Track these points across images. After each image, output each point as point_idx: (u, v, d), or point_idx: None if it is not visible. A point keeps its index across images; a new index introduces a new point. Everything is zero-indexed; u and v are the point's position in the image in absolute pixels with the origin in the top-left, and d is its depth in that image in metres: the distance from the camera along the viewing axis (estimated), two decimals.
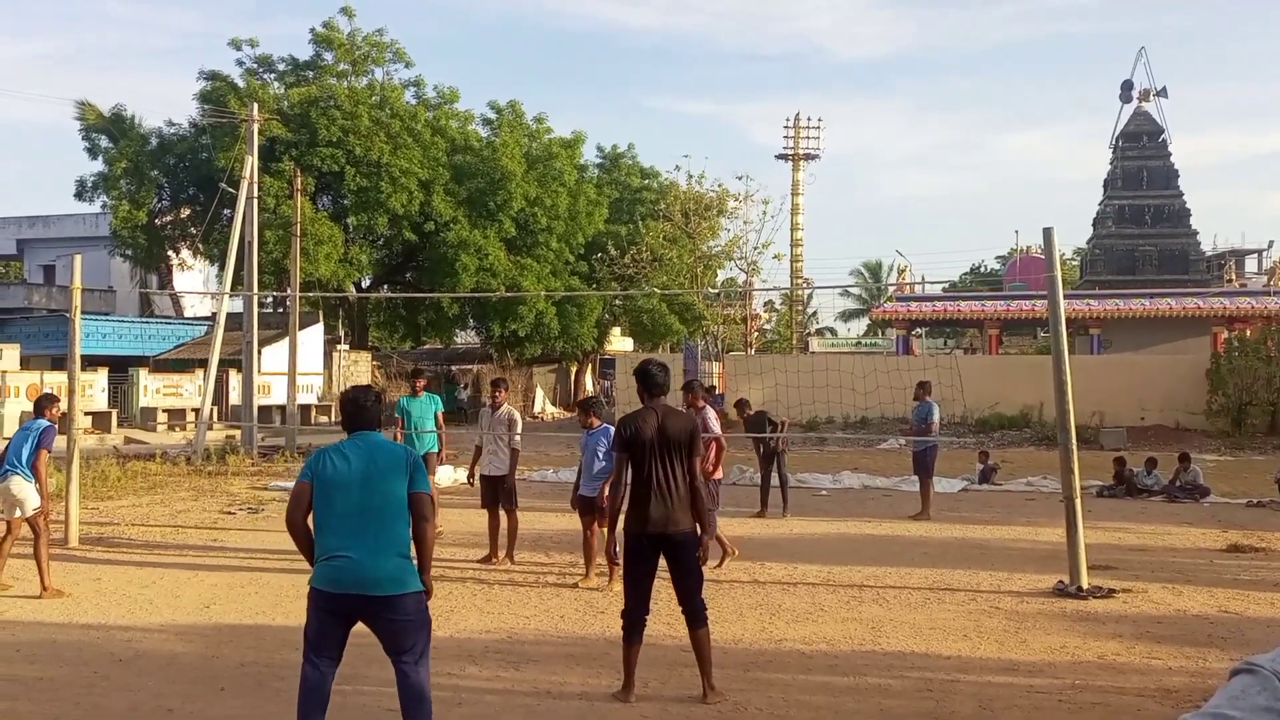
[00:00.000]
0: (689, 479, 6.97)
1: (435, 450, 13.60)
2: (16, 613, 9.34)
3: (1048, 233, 10.81)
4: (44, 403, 10.68)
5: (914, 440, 16.34)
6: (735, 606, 9.73)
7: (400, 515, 5.53)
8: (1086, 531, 10.53)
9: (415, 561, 5.58)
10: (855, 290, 78.39)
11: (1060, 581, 10.36)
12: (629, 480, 7.03)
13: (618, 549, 8.62)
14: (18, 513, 10.16)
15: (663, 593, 9.77)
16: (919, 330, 52.76)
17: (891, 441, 28.70)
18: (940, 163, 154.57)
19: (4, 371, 32.82)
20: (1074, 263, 61.86)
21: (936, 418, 16.15)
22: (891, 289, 56.59)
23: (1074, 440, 10.44)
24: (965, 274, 77.78)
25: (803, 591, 10.46)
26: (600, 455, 10.60)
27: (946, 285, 55.94)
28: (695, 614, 6.96)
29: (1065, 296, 11.98)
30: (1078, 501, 10.32)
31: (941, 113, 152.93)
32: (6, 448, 10.51)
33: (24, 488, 10.07)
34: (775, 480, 16.16)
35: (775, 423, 16.48)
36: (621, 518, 7.33)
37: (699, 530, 7.08)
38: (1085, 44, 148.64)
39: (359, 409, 5.83)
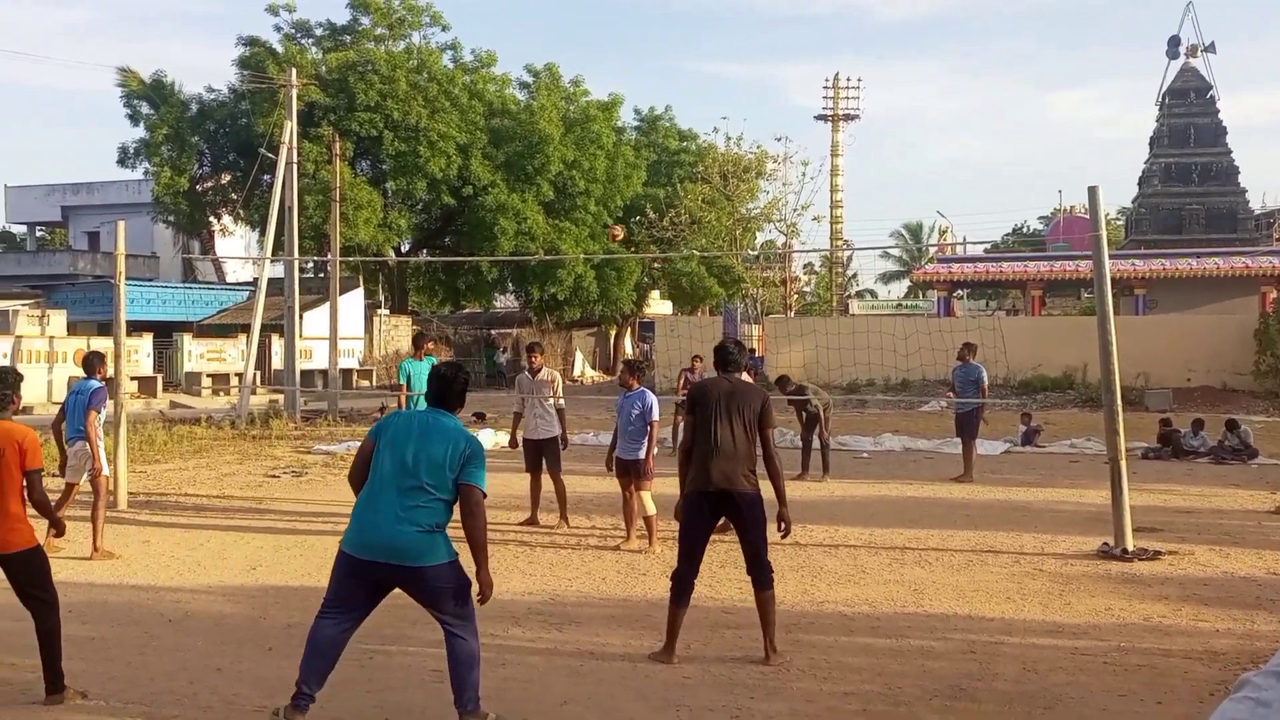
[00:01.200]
0: (764, 447, 6.96)
1: None
2: (69, 574, 9.48)
3: (1093, 191, 10.64)
4: (92, 361, 10.76)
5: (957, 402, 16.18)
6: (777, 568, 9.64)
7: (443, 493, 5.51)
8: (1131, 493, 10.43)
9: (454, 541, 5.60)
10: (895, 252, 77.79)
11: (1105, 543, 10.28)
12: (693, 442, 7.03)
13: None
14: (85, 475, 10.32)
15: (705, 555, 9.77)
16: (960, 292, 52.33)
17: (933, 404, 28.53)
18: (982, 123, 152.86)
19: (51, 337, 33.27)
20: (1119, 222, 61.06)
21: (986, 380, 16.10)
22: (932, 250, 56.13)
23: (1119, 402, 10.33)
24: (1007, 235, 76.93)
25: (844, 554, 10.45)
26: (633, 417, 10.59)
27: (988, 246, 55.31)
28: (760, 576, 6.95)
29: (1110, 256, 11.81)
30: (1123, 463, 10.22)
31: (984, 73, 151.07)
32: (63, 410, 10.63)
33: (87, 450, 10.25)
34: (816, 443, 16.11)
35: (819, 402, 16.38)
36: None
37: (776, 501, 7.09)
38: (1129, 2, 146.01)
39: (445, 386, 5.82)
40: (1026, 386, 31.26)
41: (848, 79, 67.48)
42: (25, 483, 6.16)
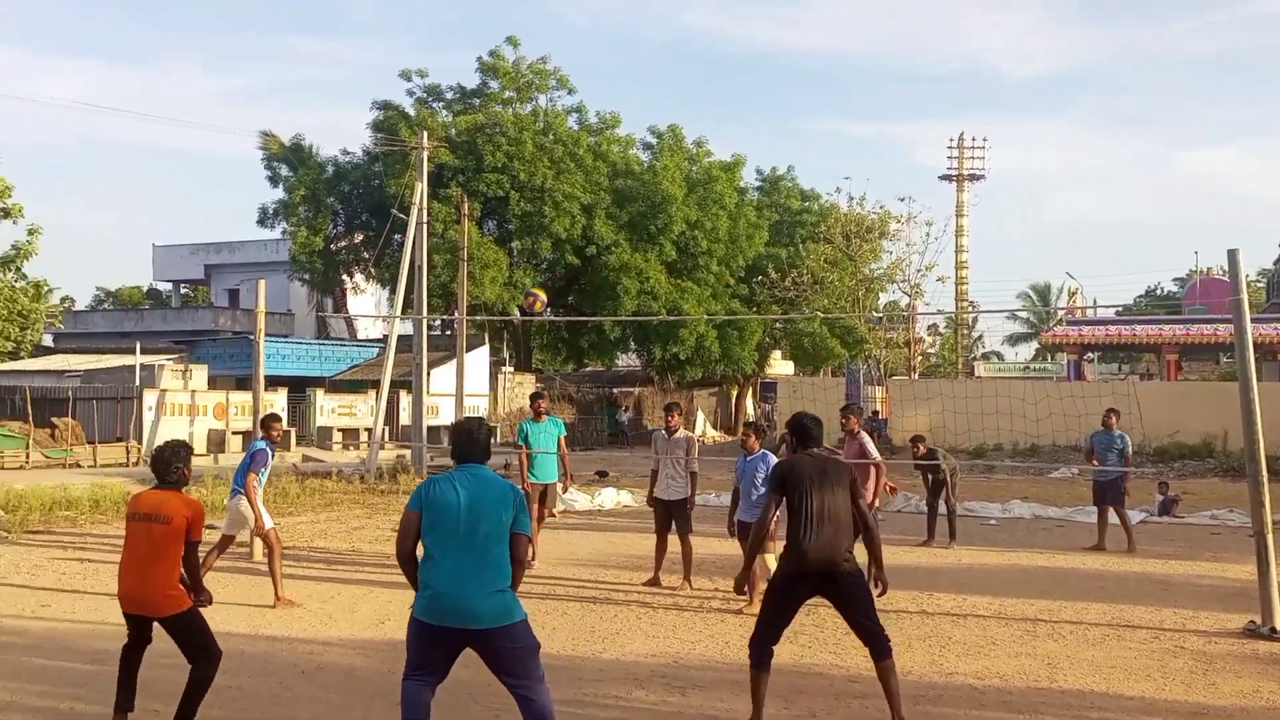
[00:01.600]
0: (861, 519, 6.86)
1: (557, 479, 13.30)
2: (219, 626, 9.79)
3: (1233, 254, 10.32)
4: (266, 422, 11.35)
5: (1097, 470, 15.55)
6: (903, 637, 9.54)
7: (504, 550, 5.60)
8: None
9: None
10: (1023, 314, 76.30)
11: (1251, 621, 9.84)
12: (789, 524, 6.91)
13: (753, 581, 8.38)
14: (245, 531, 10.74)
15: (829, 621, 9.65)
16: (1091, 355, 51.04)
17: (1063, 470, 27.78)
18: (1115, 182, 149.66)
19: (193, 391, 34.53)
20: (1259, 285, 59.03)
21: (1130, 447, 15.66)
22: (1061, 312, 54.91)
23: (1264, 471, 9.93)
24: (1140, 296, 74.99)
25: (973, 624, 10.20)
26: (758, 482, 10.52)
27: (1120, 308, 54.01)
28: (877, 648, 6.76)
29: (1251, 320, 11.43)
30: (1269, 536, 9.80)
31: (1117, 131, 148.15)
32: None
33: (247, 507, 10.70)
34: (942, 509, 15.82)
35: (947, 467, 16.11)
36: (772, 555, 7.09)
37: (871, 564, 6.96)
38: (1272, 57, 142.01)
39: (471, 441, 5.85)
40: (1163, 454, 30.26)
41: (973, 138, 66.91)
42: (185, 553, 6.51)
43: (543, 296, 15.39)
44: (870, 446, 12.07)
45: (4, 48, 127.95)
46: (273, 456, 11.21)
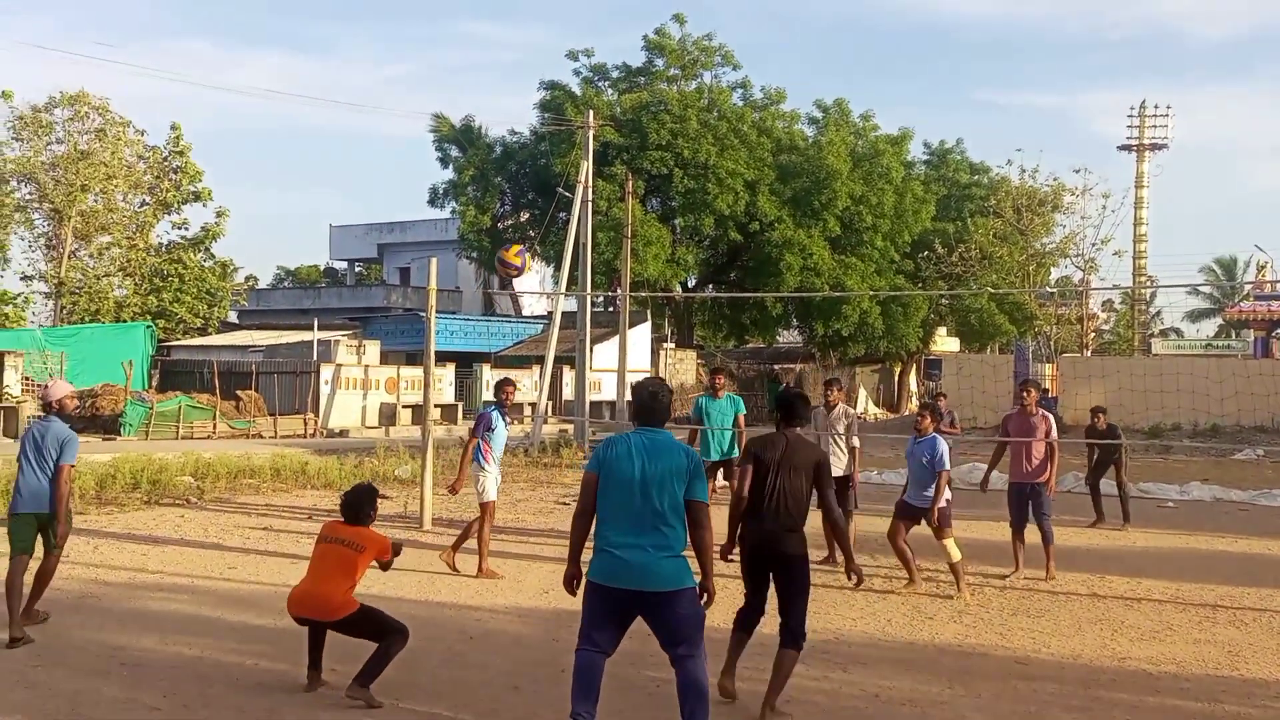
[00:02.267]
0: (822, 502, 6.87)
1: (735, 455, 12.91)
2: (380, 588, 10.18)
3: None
4: (500, 385, 11.58)
5: None
6: (1073, 620, 9.30)
7: (678, 515, 5.62)
8: None
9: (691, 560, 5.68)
10: (1205, 289, 72.94)
11: None
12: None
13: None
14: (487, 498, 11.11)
15: (994, 601, 9.50)
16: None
17: (1247, 452, 26.54)
18: None
19: (366, 366, 35.76)
20: None
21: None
22: (1249, 287, 52.28)
23: None
24: None
25: (1147, 608, 9.86)
26: (924, 463, 10.31)
27: None
28: (787, 637, 6.67)
29: None
30: None
31: None
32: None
33: (478, 475, 11.10)
34: (1111, 489, 15.33)
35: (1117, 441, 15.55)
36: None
37: (841, 554, 7.11)
38: None
39: (653, 402, 5.87)
40: None
41: (1155, 106, 64.19)
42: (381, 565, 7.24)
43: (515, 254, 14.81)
44: (1051, 424, 11.53)
45: (193, 39, 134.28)
46: (504, 421, 11.27)
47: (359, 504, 7.16)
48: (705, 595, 5.71)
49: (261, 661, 7.54)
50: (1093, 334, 52.14)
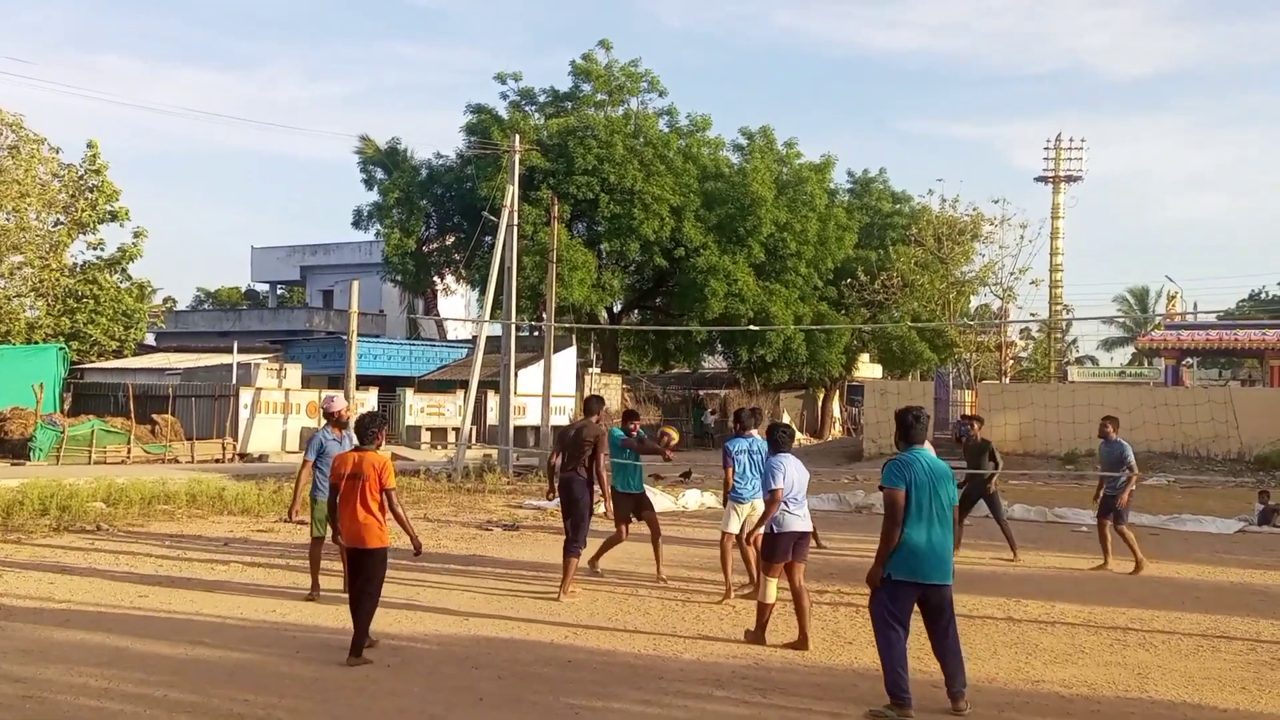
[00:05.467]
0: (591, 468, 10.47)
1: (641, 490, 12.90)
2: (296, 616, 10.01)
3: None
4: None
5: (1108, 482, 14.35)
6: (989, 644, 9.42)
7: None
8: None
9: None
10: (1119, 318, 74.65)
11: None
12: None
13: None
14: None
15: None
16: (1189, 360, 49.74)
17: (1159, 477, 27.15)
18: (1218, 183, 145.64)
19: (287, 389, 35.28)
20: None
21: (1132, 457, 14.25)
22: (1159, 317, 53.64)
23: None
24: (1243, 301, 72.86)
25: (1061, 631, 10.03)
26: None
27: (1221, 313, 52.54)
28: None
29: None
30: None
31: (1222, 130, 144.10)
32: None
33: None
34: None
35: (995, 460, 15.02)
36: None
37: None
38: None
39: (918, 424, 7.47)
40: (1264, 462, 29.38)
41: (1070, 139, 65.69)
42: (385, 499, 8.26)
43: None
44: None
45: (113, 56, 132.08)
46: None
47: (366, 425, 8.61)
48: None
49: (171, 692, 7.36)
50: (1011, 361, 53.09)
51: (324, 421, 11.42)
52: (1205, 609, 11.17)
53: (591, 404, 12.24)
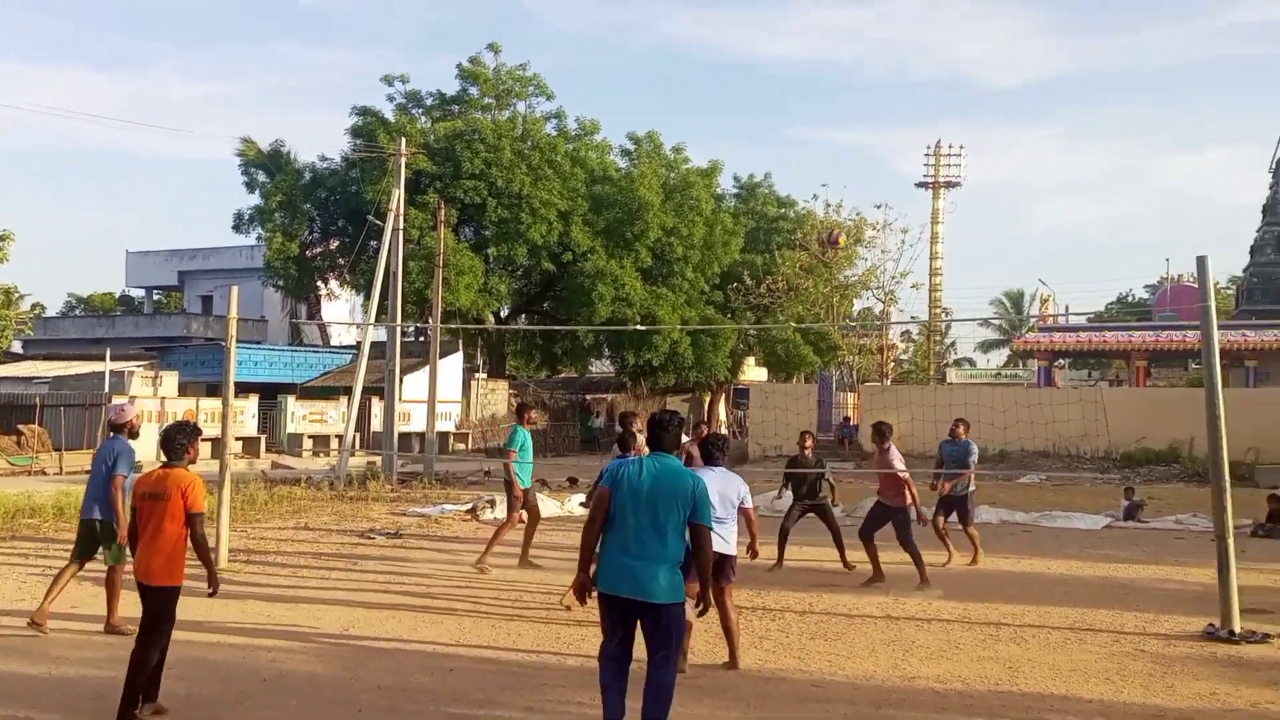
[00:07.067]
0: None
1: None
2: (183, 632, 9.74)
3: (1201, 261, 10.45)
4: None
5: (956, 484, 14.39)
6: (868, 642, 9.60)
7: (678, 534, 6.22)
8: (1239, 573, 10.09)
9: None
10: (996, 320, 76.75)
11: (1211, 625, 9.95)
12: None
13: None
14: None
15: (794, 626, 9.74)
16: (1061, 361, 51.36)
17: (1031, 476, 27.97)
18: (1091, 190, 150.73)
19: (163, 398, 34.32)
20: (1229, 292, 59.57)
21: (975, 458, 14.42)
22: (1033, 319, 55.27)
23: (1227, 477, 10.04)
24: (1112, 304, 75.54)
25: (937, 628, 10.26)
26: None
27: (1091, 315, 54.39)
28: None
29: (1220, 327, 11.57)
30: (1230, 541, 9.91)
31: (1094, 139, 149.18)
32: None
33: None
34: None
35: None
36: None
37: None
38: (1250, 67, 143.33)
39: (662, 430, 6.59)
40: (1130, 459, 30.50)
41: (950, 146, 67.35)
42: (188, 524, 7.02)
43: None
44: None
45: None
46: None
47: (172, 436, 7.30)
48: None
49: (33, 714, 7.11)
50: (892, 364, 54.17)
51: (111, 433, 10.07)
52: (1073, 603, 11.53)
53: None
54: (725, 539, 8.45)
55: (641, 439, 12.59)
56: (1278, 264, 43.98)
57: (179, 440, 7.26)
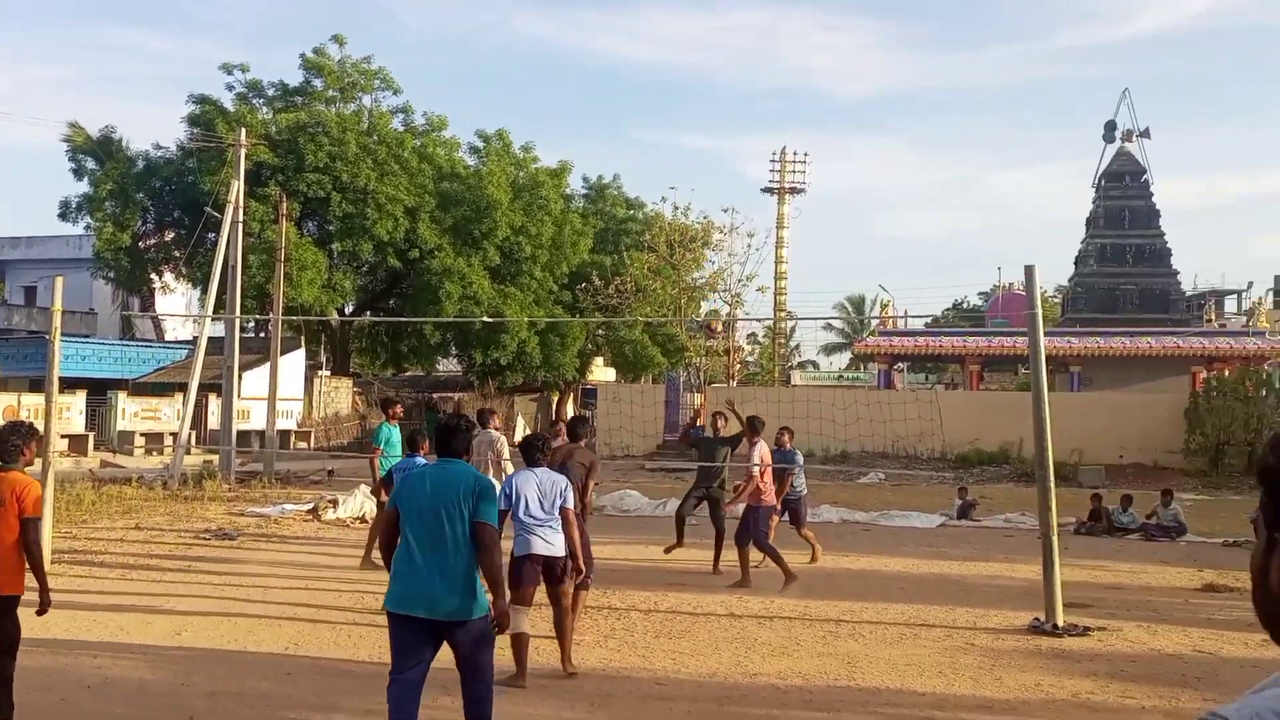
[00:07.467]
0: None
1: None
2: None
3: (1029, 270, 10.87)
4: (416, 438, 11.53)
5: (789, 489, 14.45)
6: (711, 640, 9.71)
7: (469, 543, 5.81)
8: (1063, 569, 10.55)
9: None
10: (838, 324, 78.62)
11: (1036, 619, 10.37)
12: None
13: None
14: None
15: (639, 625, 9.80)
16: (900, 365, 52.92)
17: (872, 475, 28.73)
18: (928, 200, 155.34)
19: None
20: (1056, 300, 62.20)
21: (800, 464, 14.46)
22: (874, 323, 56.79)
23: (1052, 477, 10.48)
24: (948, 310, 78.13)
25: (779, 625, 10.44)
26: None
27: (929, 321, 56.12)
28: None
29: (1046, 334, 12.07)
30: (1054, 539, 10.34)
31: (935, 151, 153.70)
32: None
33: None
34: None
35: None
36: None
37: None
38: (1074, 87, 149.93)
39: (450, 435, 6.14)
40: (964, 460, 31.60)
41: (795, 153, 68.48)
42: (21, 531, 6.51)
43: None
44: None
45: None
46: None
47: (2, 439, 6.72)
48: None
49: None
50: (738, 365, 54.98)
51: None
52: (909, 599, 11.87)
53: (578, 427, 10.88)
54: (550, 541, 8.17)
55: (498, 436, 12.55)
56: (1100, 274, 46.07)
57: (13, 442, 6.78)
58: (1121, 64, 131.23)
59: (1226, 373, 36.40)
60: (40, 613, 6.71)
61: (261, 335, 41.71)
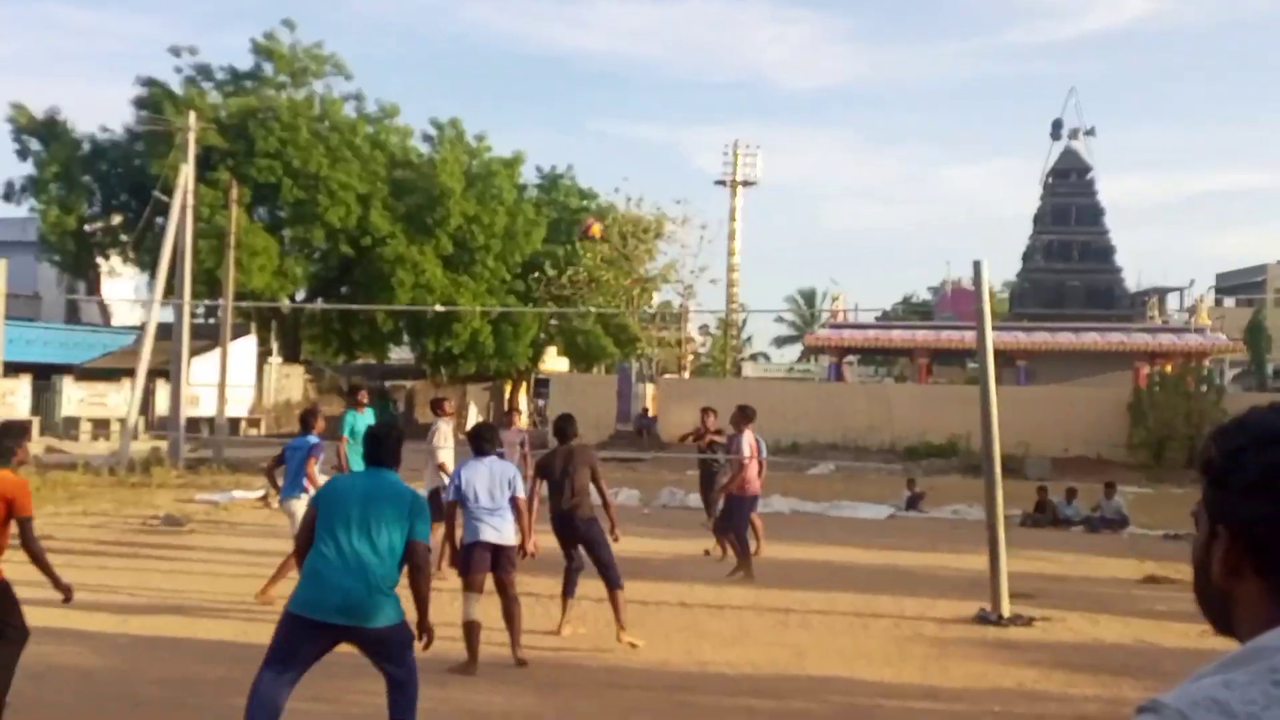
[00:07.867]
0: None
1: None
2: None
3: (977, 265, 11.00)
4: (308, 417, 11.15)
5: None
6: (663, 629, 9.76)
7: (394, 554, 5.64)
8: (1008, 560, 10.70)
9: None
10: (789, 316, 78.99)
11: (982, 609, 10.51)
12: None
13: None
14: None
15: (593, 614, 9.80)
16: (850, 358, 53.24)
17: (822, 466, 28.94)
18: (879, 194, 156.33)
19: None
20: (1003, 295, 62.86)
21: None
22: (825, 316, 57.15)
23: (998, 469, 10.62)
24: (898, 303, 78.73)
25: (730, 615, 10.52)
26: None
27: (879, 314, 56.52)
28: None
29: (994, 328, 12.21)
30: (1000, 530, 10.49)
31: (886, 146, 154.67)
32: (278, 459, 11.10)
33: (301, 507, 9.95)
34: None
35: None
36: None
37: None
38: (1023, 84, 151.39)
39: (378, 444, 5.99)
40: (912, 453, 31.88)
41: (746, 145, 68.68)
42: (19, 531, 6.52)
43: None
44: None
45: None
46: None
47: None
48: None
49: None
50: (690, 356, 55.15)
51: None
52: (858, 589, 11.99)
53: (567, 426, 9.89)
54: (498, 529, 8.20)
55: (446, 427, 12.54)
56: (1047, 270, 46.62)
57: (6, 442, 6.63)
58: (1069, 62, 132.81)
59: (1169, 368, 36.97)
60: (65, 601, 6.83)
61: (211, 321, 41.26)
